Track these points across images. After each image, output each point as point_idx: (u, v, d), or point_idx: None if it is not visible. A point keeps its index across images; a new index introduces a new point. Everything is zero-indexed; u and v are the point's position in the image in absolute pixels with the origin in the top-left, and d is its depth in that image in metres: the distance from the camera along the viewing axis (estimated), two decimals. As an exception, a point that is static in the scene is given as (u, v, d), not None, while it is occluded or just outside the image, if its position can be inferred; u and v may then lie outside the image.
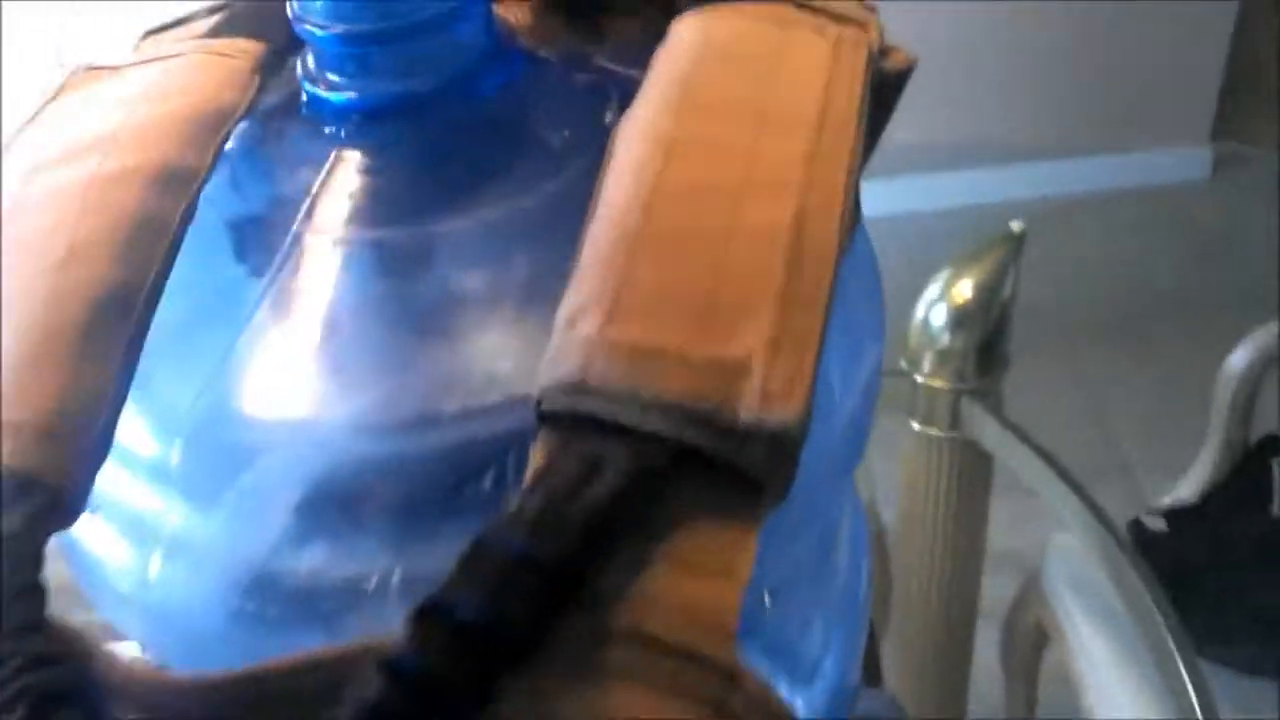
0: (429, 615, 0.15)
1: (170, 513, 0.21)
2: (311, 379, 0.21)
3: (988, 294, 0.54)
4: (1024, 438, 0.53)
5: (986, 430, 0.54)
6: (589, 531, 0.15)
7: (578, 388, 0.16)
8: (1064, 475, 0.50)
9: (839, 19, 0.22)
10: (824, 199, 0.18)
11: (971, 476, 0.56)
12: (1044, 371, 1.22)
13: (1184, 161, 1.57)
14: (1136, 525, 0.61)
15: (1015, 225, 0.55)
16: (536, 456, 0.16)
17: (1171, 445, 0.81)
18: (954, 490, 0.56)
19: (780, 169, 0.19)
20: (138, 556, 0.21)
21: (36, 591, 0.16)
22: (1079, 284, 1.40)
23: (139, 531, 0.21)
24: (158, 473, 0.21)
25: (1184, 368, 1.09)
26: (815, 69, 0.21)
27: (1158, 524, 0.60)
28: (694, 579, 0.16)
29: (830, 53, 0.21)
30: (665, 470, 0.16)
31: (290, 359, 0.21)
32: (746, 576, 0.16)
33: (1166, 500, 0.64)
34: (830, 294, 0.17)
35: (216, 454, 0.21)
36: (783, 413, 0.16)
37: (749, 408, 0.16)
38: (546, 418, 0.17)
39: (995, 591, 0.61)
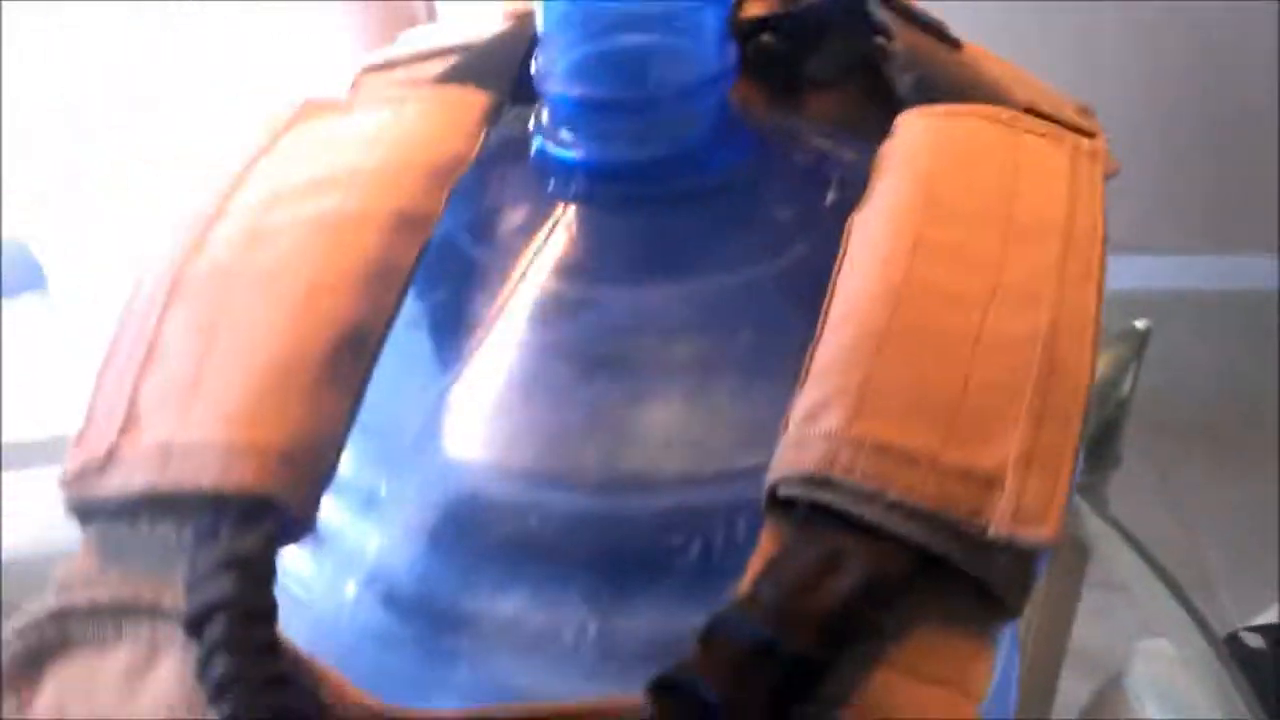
0: (671, 691, 0.15)
1: (370, 542, 0.21)
2: (527, 429, 0.21)
3: (1106, 389, 0.54)
4: (1128, 537, 0.52)
5: (1089, 527, 0.53)
6: (827, 627, 0.16)
7: (820, 480, 0.17)
8: (1170, 582, 0.49)
9: (1070, 127, 0.23)
10: (1075, 316, 0.18)
11: (1065, 572, 0.55)
12: (1125, 470, 1.20)
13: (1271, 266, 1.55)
14: (1234, 640, 0.60)
15: (1140, 322, 0.55)
16: (767, 543, 0.16)
17: (1255, 555, 0.80)
18: (1047, 583, 0.56)
19: (1030, 280, 0.19)
20: (334, 581, 0.22)
21: (271, 613, 0.17)
22: (1164, 383, 1.38)
23: (337, 557, 0.22)
24: (362, 500, 0.22)
25: (1271, 477, 1.07)
26: (1056, 178, 0.21)
27: (1257, 641, 0.59)
28: (926, 687, 0.16)
29: (1069, 163, 0.21)
30: (905, 573, 0.16)
31: (506, 407, 0.22)
32: (981, 693, 0.16)
33: (1259, 618, 0.63)
34: (1083, 414, 0.17)
35: (423, 491, 0.21)
36: (1035, 533, 0.16)
37: (1000, 523, 0.16)
38: (780, 505, 0.17)
39: (1064, 685, 0.60)
